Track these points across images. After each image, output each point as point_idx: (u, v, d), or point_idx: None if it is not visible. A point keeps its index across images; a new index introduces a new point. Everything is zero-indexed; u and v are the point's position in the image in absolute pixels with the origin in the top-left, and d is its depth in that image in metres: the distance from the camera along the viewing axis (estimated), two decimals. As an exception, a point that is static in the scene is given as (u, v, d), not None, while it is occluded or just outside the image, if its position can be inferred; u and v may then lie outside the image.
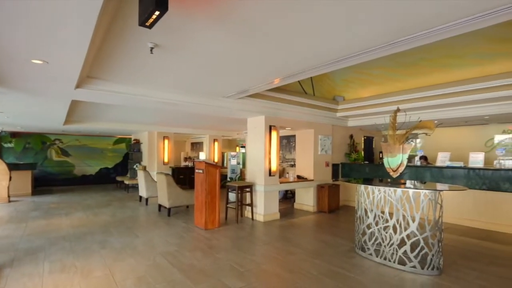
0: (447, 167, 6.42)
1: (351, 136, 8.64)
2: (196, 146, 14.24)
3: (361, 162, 8.45)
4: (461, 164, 6.34)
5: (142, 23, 2.25)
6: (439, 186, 4.17)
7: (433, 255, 3.74)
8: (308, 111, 6.99)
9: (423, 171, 6.78)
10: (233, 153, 9.34)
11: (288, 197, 9.41)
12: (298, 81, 6.71)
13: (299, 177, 7.64)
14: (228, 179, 8.30)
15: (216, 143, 12.35)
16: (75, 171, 13.00)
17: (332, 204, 7.52)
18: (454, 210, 6.37)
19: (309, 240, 5.19)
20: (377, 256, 4.16)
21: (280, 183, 6.89)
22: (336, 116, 7.79)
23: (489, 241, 5.21)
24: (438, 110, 6.59)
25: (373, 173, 7.75)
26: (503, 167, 5.92)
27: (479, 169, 5.99)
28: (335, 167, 8.28)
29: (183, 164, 13.24)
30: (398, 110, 4.12)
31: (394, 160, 4.08)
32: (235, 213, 6.37)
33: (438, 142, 9.27)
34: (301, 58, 3.55)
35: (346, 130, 8.60)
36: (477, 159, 6.31)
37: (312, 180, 7.55)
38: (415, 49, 5.43)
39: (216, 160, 12.08)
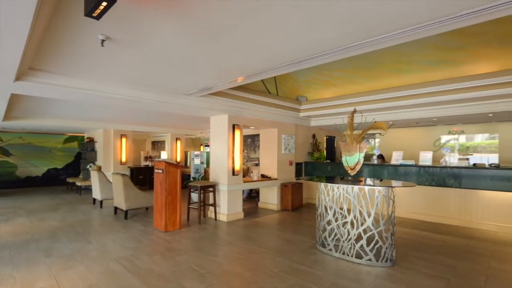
0: (401, 165, 6.84)
1: (314, 136, 8.87)
2: (157, 145, 13.71)
3: (323, 161, 8.71)
4: (412, 162, 6.78)
5: (88, 14, 2.08)
6: (394, 183, 4.42)
7: (386, 248, 3.94)
8: (271, 110, 7.04)
9: (380, 169, 7.15)
10: (196, 152, 9.13)
11: (252, 196, 9.41)
12: (262, 81, 6.73)
13: (263, 176, 7.67)
14: (191, 179, 8.09)
15: (178, 142, 11.99)
16: (17, 172, 11.79)
17: (296, 202, 7.65)
18: (407, 205, 6.82)
19: (272, 239, 5.21)
20: (336, 251, 4.29)
21: (244, 182, 6.85)
22: (299, 116, 7.95)
23: (436, 233, 5.64)
24: (392, 112, 7.00)
25: (335, 171, 8.02)
26: (448, 165, 6.45)
27: (428, 166, 6.46)
28: (298, 166, 8.44)
29: (143, 164, 12.67)
30: (354, 111, 4.31)
31: (352, 159, 4.24)
32: (198, 214, 6.21)
33: (393, 141, 9.88)
34: (262, 58, 3.53)
35: (309, 130, 8.82)
36: (426, 158, 6.80)
37: (276, 179, 7.63)
38: (371, 54, 5.73)
39: (178, 159, 11.73)
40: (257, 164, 8.96)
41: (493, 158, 8.32)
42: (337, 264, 4.03)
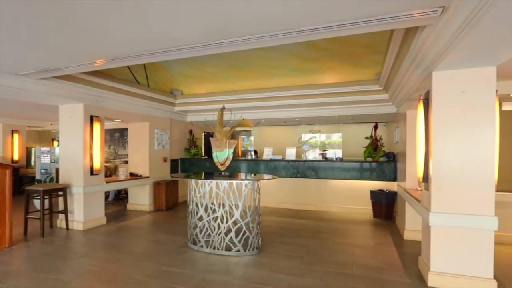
0: (270, 160, 7.45)
1: (191, 131, 8.65)
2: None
3: (201, 157, 8.59)
4: (280, 157, 7.49)
5: None
6: (265, 176, 4.71)
7: (253, 237, 4.13)
8: (141, 102, 6.40)
9: (255, 164, 7.61)
10: (45, 149, 7.41)
11: (121, 197, 8.40)
12: (129, 69, 6.02)
13: (132, 174, 6.91)
14: (35, 182, 6.49)
15: (16, 135, 9.34)
16: None
17: (171, 201, 7.25)
18: (276, 196, 7.51)
19: (138, 243, 4.70)
20: (207, 247, 4.23)
21: (108, 182, 5.98)
22: (174, 110, 7.56)
23: (298, 218, 6.38)
24: (263, 111, 7.50)
25: (213, 168, 7.99)
26: (307, 159, 7.45)
27: (293, 161, 7.25)
28: (174, 162, 8.04)
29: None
30: (223, 108, 4.35)
31: (222, 154, 4.28)
32: (40, 225, 4.99)
33: (267, 138, 10.73)
34: (116, 43, 3.07)
35: (185, 125, 8.52)
36: (291, 153, 7.63)
37: (148, 177, 7.01)
38: (245, 56, 5.99)
39: (16, 157, 9.22)
40: (127, 162, 8.04)
41: (340, 153, 10.18)
42: (208, 260, 3.97)
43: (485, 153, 3.01)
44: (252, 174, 6.41)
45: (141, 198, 7.13)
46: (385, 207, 6.27)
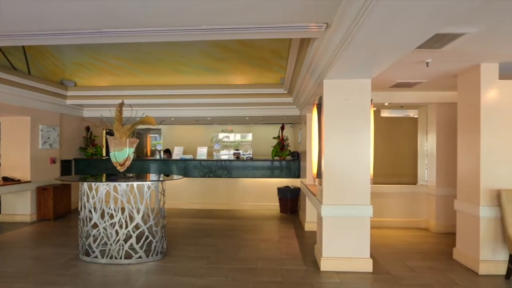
0: (181, 159, 7.18)
1: (88, 128, 7.64)
2: None
3: (101, 157, 7.69)
4: (190, 156, 7.30)
5: None
6: (175, 177, 4.49)
7: (157, 242, 3.90)
8: (18, 92, 5.31)
9: (163, 165, 7.24)
10: None
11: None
12: (1, 51, 4.95)
13: (6, 179, 5.68)
14: None
15: None
16: None
17: (60, 209, 6.26)
18: (186, 197, 7.30)
19: (11, 262, 3.89)
20: (103, 257, 3.80)
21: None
22: (66, 103, 6.55)
23: (208, 218, 6.33)
24: (172, 109, 7.15)
25: (115, 169, 7.24)
26: (219, 159, 7.46)
27: (205, 160, 7.15)
28: (66, 163, 6.97)
29: None
30: (122, 103, 3.99)
31: (121, 154, 3.91)
32: None
33: (178, 137, 10.33)
34: None
35: (81, 121, 7.48)
36: (202, 152, 7.51)
37: (29, 181, 5.89)
38: (153, 50, 5.63)
39: None
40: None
41: (250, 153, 10.56)
42: (104, 271, 3.58)
43: (363, 152, 3.54)
44: (162, 175, 6.08)
45: (19, 207, 5.94)
46: (290, 202, 6.78)
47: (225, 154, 10.13)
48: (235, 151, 8.82)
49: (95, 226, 3.87)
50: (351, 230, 3.57)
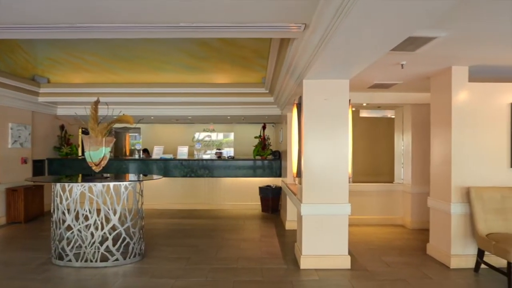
0: (161, 159, 7.05)
1: (63, 127, 7.33)
2: None
3: (76, 157, 7.41)
4: (171, 156, 7.18)
5: None
6: (154, 176, 4.40)
7: (134, 243, 3.81)
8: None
9: (143, 164, 7.09)
10: None
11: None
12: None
13: (-28, 180, 5.38)
14: None
15: None
16: None
17: (32, 211, 5.98)
18: (167, 197, 7.18)
19: (-23, 268, 3.68)
20: (77, 261, 3.66)
21: None
22: (38, 100, 6.25)
23: (189, 218, 6.25)
24: (152, 107, 6.98)
25: (92, 169, 7.00)
26: (201, 158, 7.38)
27: (186, 160, 7.05)
28: (38, 163, 6.66)
29: None
30: (98, 101, 3.85)
31: (97, 154, 3.78)
32: None
33: (157, 136, 10.11)
34: None
35: (54, 120, 7.17)
36: (183, 152, 7.41)
37: (-2, 183, 5.59)
38: (132, 46, 5.48)
39: None
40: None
41: (232, 152, 10.51)
42: (78, 275, 3.45)
43: (341, 151, 3.60)
44: (141, 175, 5.94)
45: (-14, 210, 5.64)
46: (272, 201, 6.81)
47: (208, 154, 10.03)
48: (217, 151, 8.75)
49: (69, 228, 3.72)
50: (330, 228, 3.63)
